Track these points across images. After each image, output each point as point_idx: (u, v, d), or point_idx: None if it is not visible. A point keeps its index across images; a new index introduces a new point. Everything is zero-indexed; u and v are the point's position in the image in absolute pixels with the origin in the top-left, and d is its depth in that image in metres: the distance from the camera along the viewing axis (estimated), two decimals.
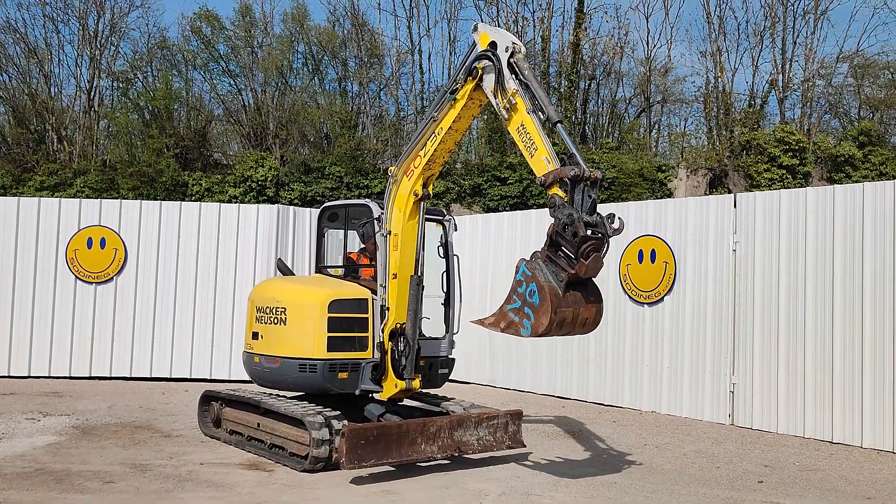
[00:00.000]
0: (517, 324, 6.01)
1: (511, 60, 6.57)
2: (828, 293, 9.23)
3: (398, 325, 7.47)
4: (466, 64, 6.94)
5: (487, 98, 6.80)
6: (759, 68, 26.76)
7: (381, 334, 7.54)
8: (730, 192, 23.07)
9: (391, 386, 7.54)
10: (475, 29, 7.00)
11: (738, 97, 26.96)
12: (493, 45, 6.71)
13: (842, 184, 21.51)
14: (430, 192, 7.54)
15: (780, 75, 26.42)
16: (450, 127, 7.09)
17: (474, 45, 6.96)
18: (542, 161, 6.19)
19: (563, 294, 5.88)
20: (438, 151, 7.27)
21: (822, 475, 7.51)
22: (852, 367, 8.94)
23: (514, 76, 6.55)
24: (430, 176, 7.48)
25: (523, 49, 6.70)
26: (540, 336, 6.02)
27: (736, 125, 25.71)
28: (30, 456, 7.37)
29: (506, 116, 6.56)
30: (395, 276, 7.49)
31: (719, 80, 26.49)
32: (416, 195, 7.42)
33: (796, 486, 7.08)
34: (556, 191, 6.00)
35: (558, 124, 6.29)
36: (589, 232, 5.84)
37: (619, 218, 5.98)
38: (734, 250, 10.20)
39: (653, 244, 11.04)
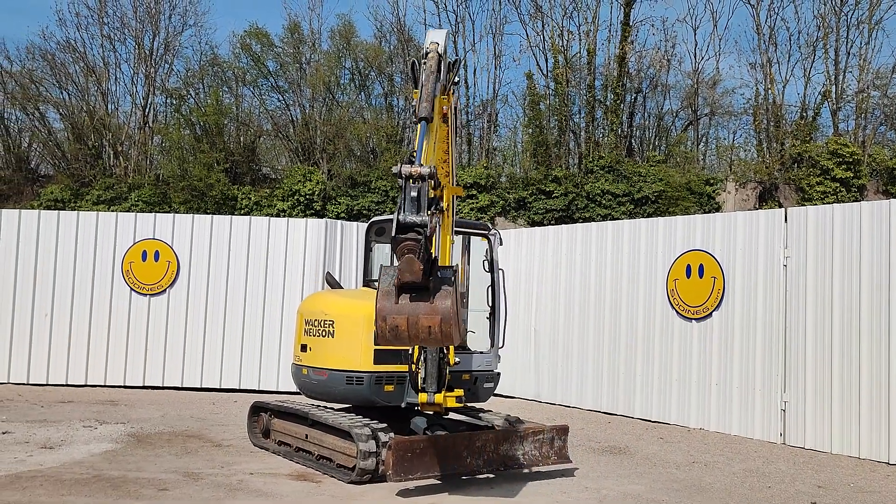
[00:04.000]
0: (376, 333, 5.74)
1: (423, 62, 6.31)
2: (884, 309, 8.99)
3: None
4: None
5: None
6: (812, 79, 26.23)
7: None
8: (780, 205, 22.61)
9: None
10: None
11: (788, 109, 26.48)
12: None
13: None
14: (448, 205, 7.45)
15: (834, 86, 25.84)
16: None
17: None
18: None
19: (395, 300, 5.55)
20: (435, 162, 7.24)
21: (877, 497, 7.30)
22: None
23: None
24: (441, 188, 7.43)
25: (440, 47, 6.41)
26: (381, 346, 5.63)
27: (787, 137, 25.20)
28: (87, 462, 7.62)
29: (414, 121, 6.28)
30: None
31: (769, 91, 26.04)
32: None
33: None
34: None
35: (422, 122, 5.95)
36: (431, 233, 5.51)
37: (435, 216, 5.65)
38: (785, 265, 10.02)
39: (701, 259, 10.91)
